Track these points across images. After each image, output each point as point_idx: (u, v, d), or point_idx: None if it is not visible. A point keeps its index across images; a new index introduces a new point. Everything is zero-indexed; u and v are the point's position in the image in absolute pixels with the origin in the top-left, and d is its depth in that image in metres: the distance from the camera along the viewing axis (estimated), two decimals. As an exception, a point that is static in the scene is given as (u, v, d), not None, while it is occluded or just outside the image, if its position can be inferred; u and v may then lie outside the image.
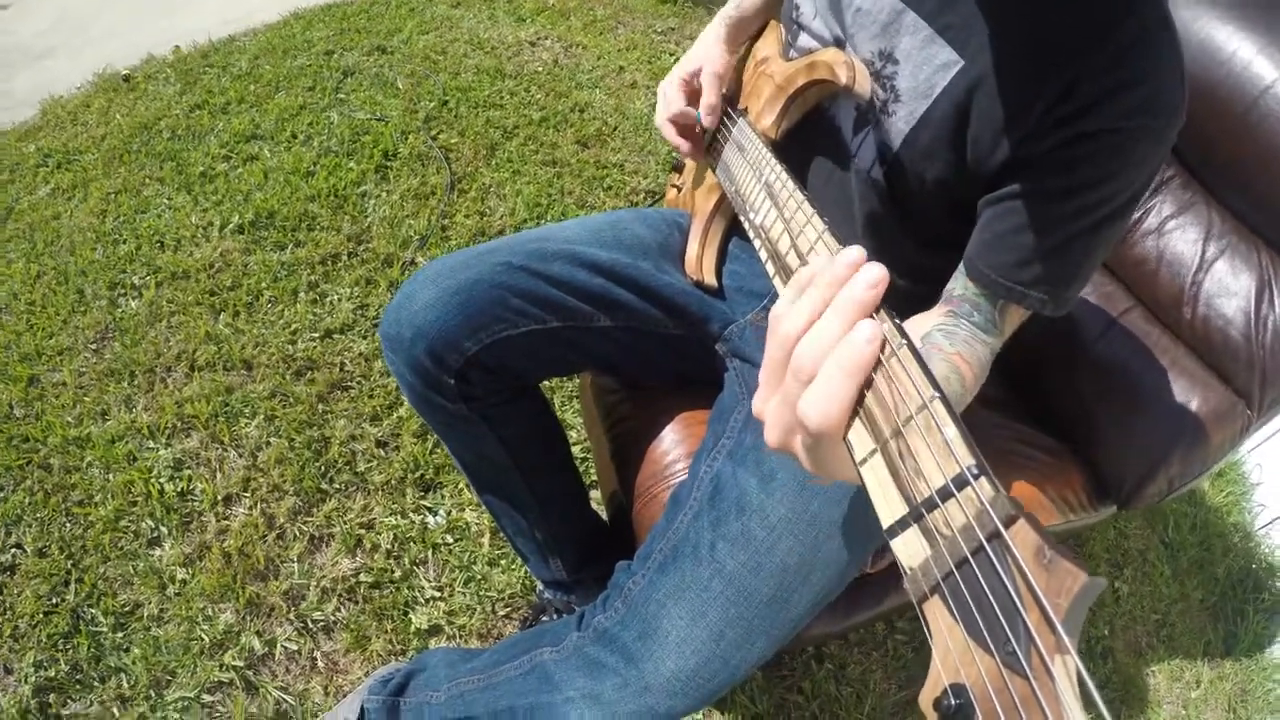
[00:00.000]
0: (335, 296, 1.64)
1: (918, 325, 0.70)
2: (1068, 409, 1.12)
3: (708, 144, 0.96)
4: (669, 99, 0.94)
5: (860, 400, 0.40)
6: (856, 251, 0.43)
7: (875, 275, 0.41)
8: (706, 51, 0.93)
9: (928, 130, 0.73)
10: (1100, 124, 0.64)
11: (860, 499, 0.73)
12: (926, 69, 0.72)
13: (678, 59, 2.61)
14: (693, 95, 0.94)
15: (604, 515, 1.28)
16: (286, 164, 1.91)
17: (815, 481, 0.44)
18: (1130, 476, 1.07)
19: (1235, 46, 0.97)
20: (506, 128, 2.14)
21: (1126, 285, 1.12)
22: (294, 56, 2.29)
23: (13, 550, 1.22)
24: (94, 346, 1.51)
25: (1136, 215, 1.10)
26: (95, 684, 1.11)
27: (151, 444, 1.37)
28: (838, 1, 0.78)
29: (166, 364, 1.49)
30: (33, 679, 1.09)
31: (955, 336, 0.68)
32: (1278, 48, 0.95)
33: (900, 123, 0.74)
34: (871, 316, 0.41)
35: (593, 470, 1.43)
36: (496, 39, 2.49)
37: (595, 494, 1.37)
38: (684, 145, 0.94)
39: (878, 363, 0.39)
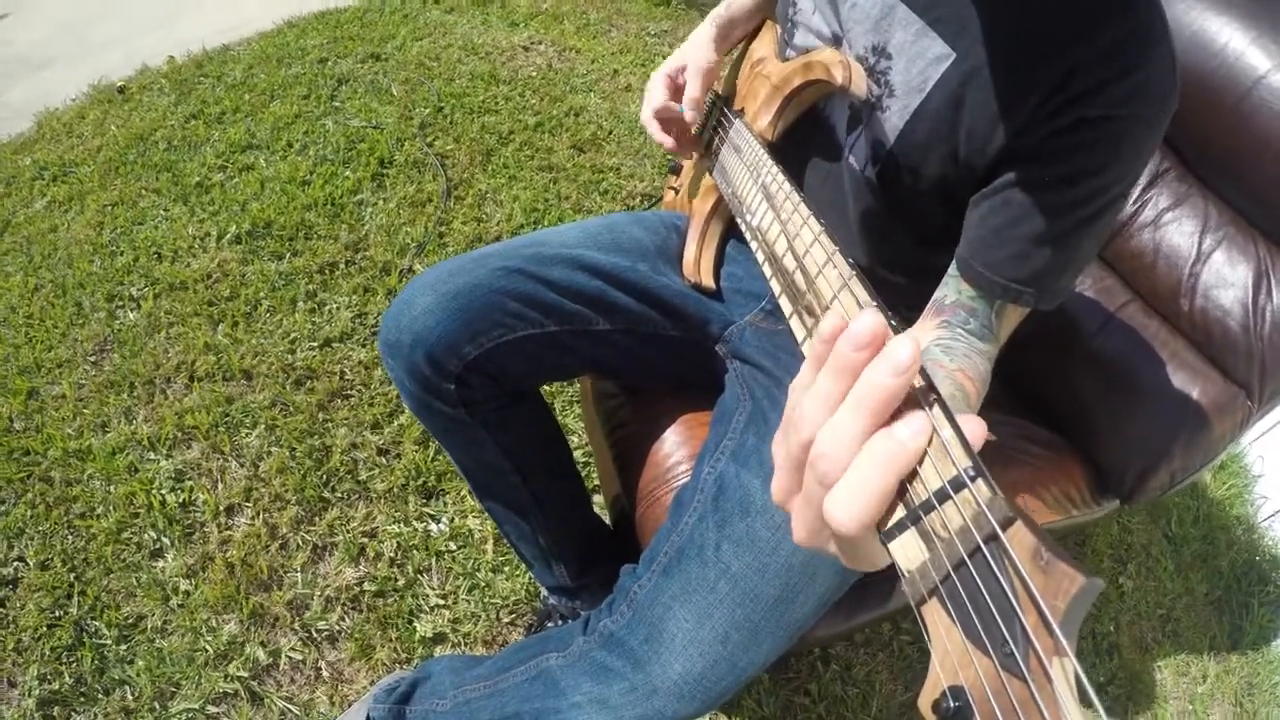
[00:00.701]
0: (333, 305, 1.64)
1: None
2: (1067, 404, 1.12)
3: (705, 146, 0.96)
4: (652, 94, 0.94)
5: (902, 497, 0.34)
6: (870, 327, 0.34)
7: (905, 359, 0.33)
8: (693, 50, 0.93)
9: (922, 124, 0.73)
10: (1096, 112, 0.64)
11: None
12: (919, 63, 0.72)
13: (672, 61, 2.59)
14: (677, 92, 0.94)
15: (607, 519, 1.28)
16: (283, 173, 1.91)
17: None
18: (1131, 470, 1.07)
19: (1227, 38, 0.98)
20: (502, 133, 2.14)
21: (1124, 278, 1.12)
22: (288, 65, 2.29)
23: (15, 563, 1.22)
24: (93, 359, 1.51)
25: (1133, 208, 1.10)
26: (99, 697, 1.11)
27: (152, 455, 1.36)
28: None
29: (166, 375, 1.48)
30: (37, 692, 1.09)
31: (954, 352, 0.67)
32: (1270, 39, 0.96)
33: (894, 118, 0.74)
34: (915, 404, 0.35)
35: (595, 474, 1.43)
36: (490, 44, 2.49)
37: (598, 498, 1.37)
38: (668, 141, 0.93)
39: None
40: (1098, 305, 1.10)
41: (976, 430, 0.33)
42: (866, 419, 0.33)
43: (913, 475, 0.34)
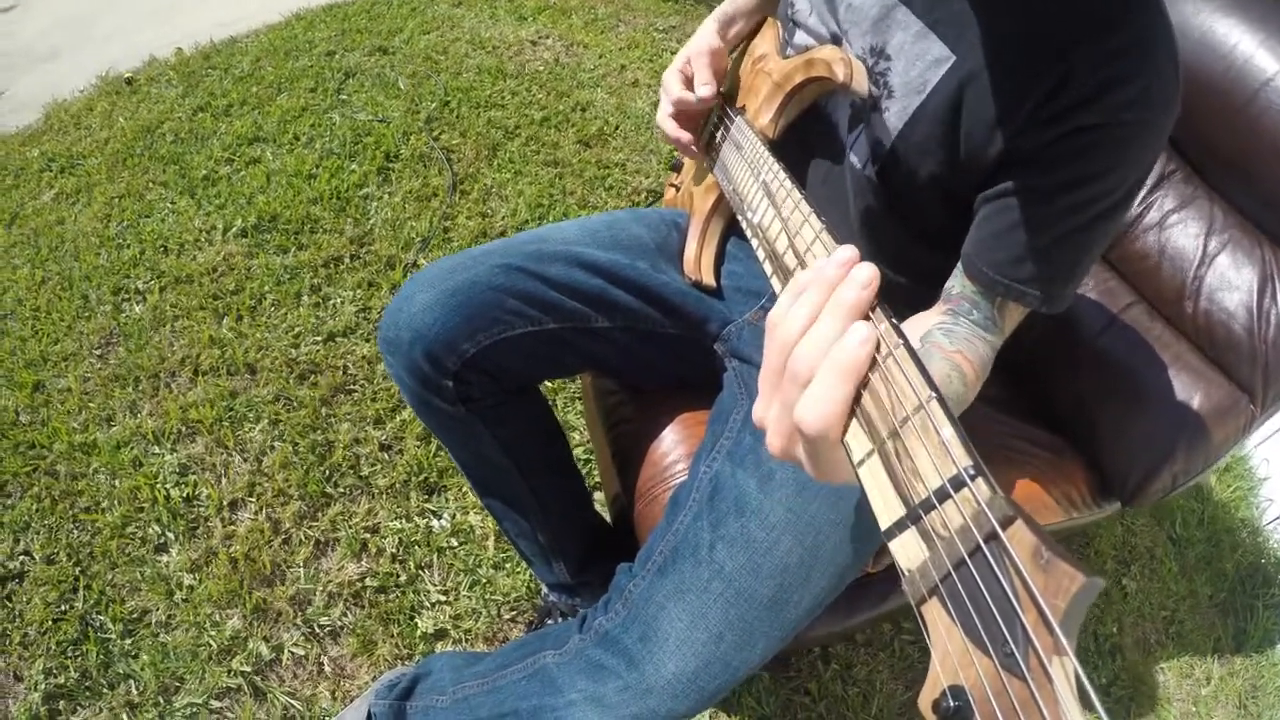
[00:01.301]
0: (338, 299, 1.65)
1: (918, 325, 0.70)
2: (1070, 405, 1.11)
3: (706, 143, 0.96)
4: (667, 89, 0.92)
5: (857, 401, 0.40)
6: (848, 251, 0.43)
7: (866, 275, 0.41)
8: (696, 41, 0.93)
9: (921, 126, 0.72)
10: (1096, 118, 0.63)
11: (860, 499, 0.73)
12: (919, 64, 0.71)
13: (679, 56, 2.58)
14: (689, 83, 0.92)
15: (607, 517, 1.28)
16: (289, 166, 1.91)
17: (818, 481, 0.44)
18: (1134, 473, 1.06)
19: (1236, 40, 0.97)
20: (508, 128, 2.14)
21: (1128, 281, 1.12)
22: (295, 58, 2.29)
23: (21, 557, 1.23)
24: (98, 352, 1.52)
25: (1138, 210, 1.09)
26: (104, 691, 1.12)
27: (157, 449, 1.37)
28: None
29: (171, 369, 1.49)
30: (42, 686, 1.10)
31: (955, 335, 0.68)
32: (1277, 40, 0.95)
33: (893, 119, 0.74)
34: (867, 317, 0.41)
35: (596, 472, 1.43)
36: (498, 38, 2.48)
37: (599, 495, 1.37)
38: (684, 137, 0.92)
39: (874, 364, 0.39)
40: (1101, 307, 1.09)
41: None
42: (836, 323, 0.41)
43: (914, 473, 0.34)
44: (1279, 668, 1.54)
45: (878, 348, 0.40)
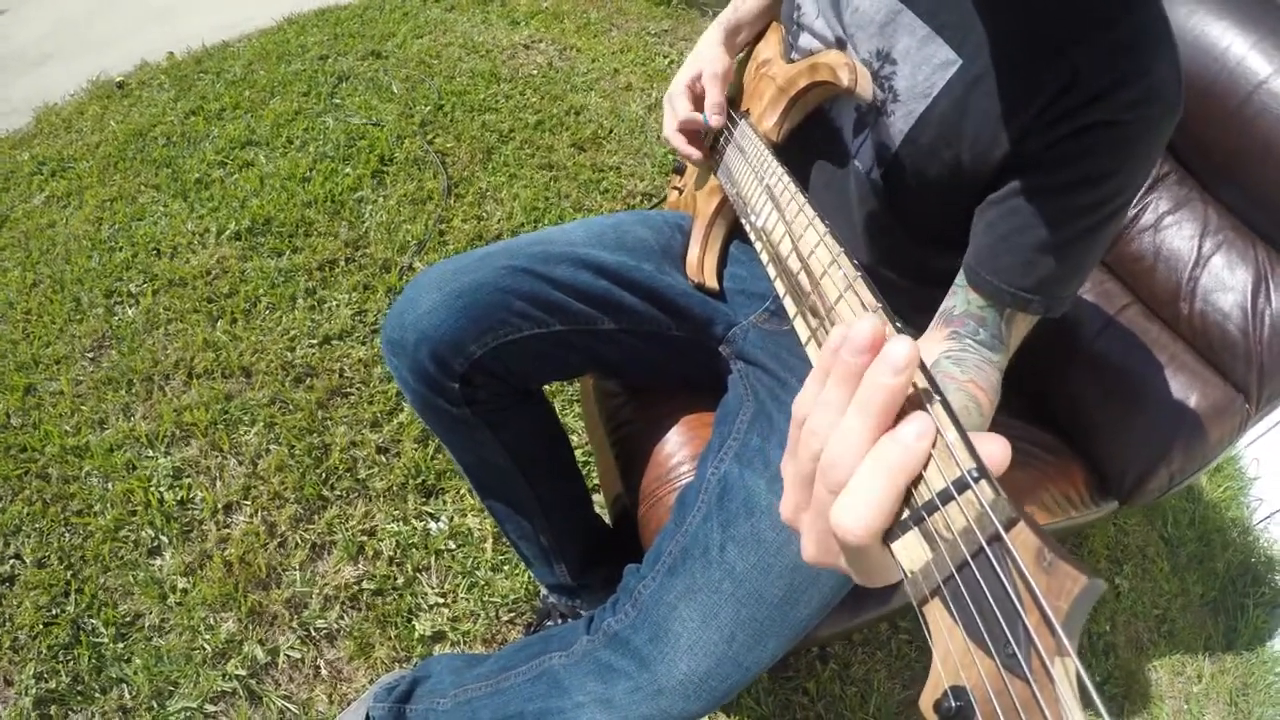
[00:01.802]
0: (333, 303, 1.64)
1: (923, 353, 0.70)
2: (1068, 406, 1.12)
3: (710, 146, 0.96)
4: (675, 107, 0.92)
5: (906, 499, 0.34)
6: (868, 331, 0.34)
7: (902, 358, 0.33)
8: (706, 54, 0.93)
9: (927, 130, 0.73)
10: (1099, 117, 0.64)
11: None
12: (925, 69, 0.72)
13: (672, 61, 2.61)
14: (697, 100, 0.93)
15: (607, 519, 1.28)
16: (282, 170, 1.91)
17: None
18: (1131, 472, 1.07)
19: (1229, 42, 0.98)
20: (502, 131, 2.14)
21: (1124, 282, 1.13)
22: (288, 62, 2.28)
23: (12, 561, 1.21)
24: (91, 355, 1.50)
25: (1134, 212, 1.11)
26: (97, 695, 1.10)
27: (150, 452, 1.36)
28: (838, 1, 0.79)
29: (164, 372, 1.48)
30: (33, 691, 1.09)
31: (965, 363, 0.67)
32: (1271, 43, 0.96)
33: (899, 123, 0.74)
34: (921, 406, 0.35)
35: (595, 474, 1.43)
36: (491, 42, 2.49)
37: (597, 497, 1.37)
38: (694, 154, 0.93)
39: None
40: (1098, 308, 1.10)
41: (998, 453, 0.33)
42: (871, 420, 0.33)
43: (916, 480, 0.34)
44: (1269, 665, 1.56)
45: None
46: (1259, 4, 0.99)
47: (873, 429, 0.33)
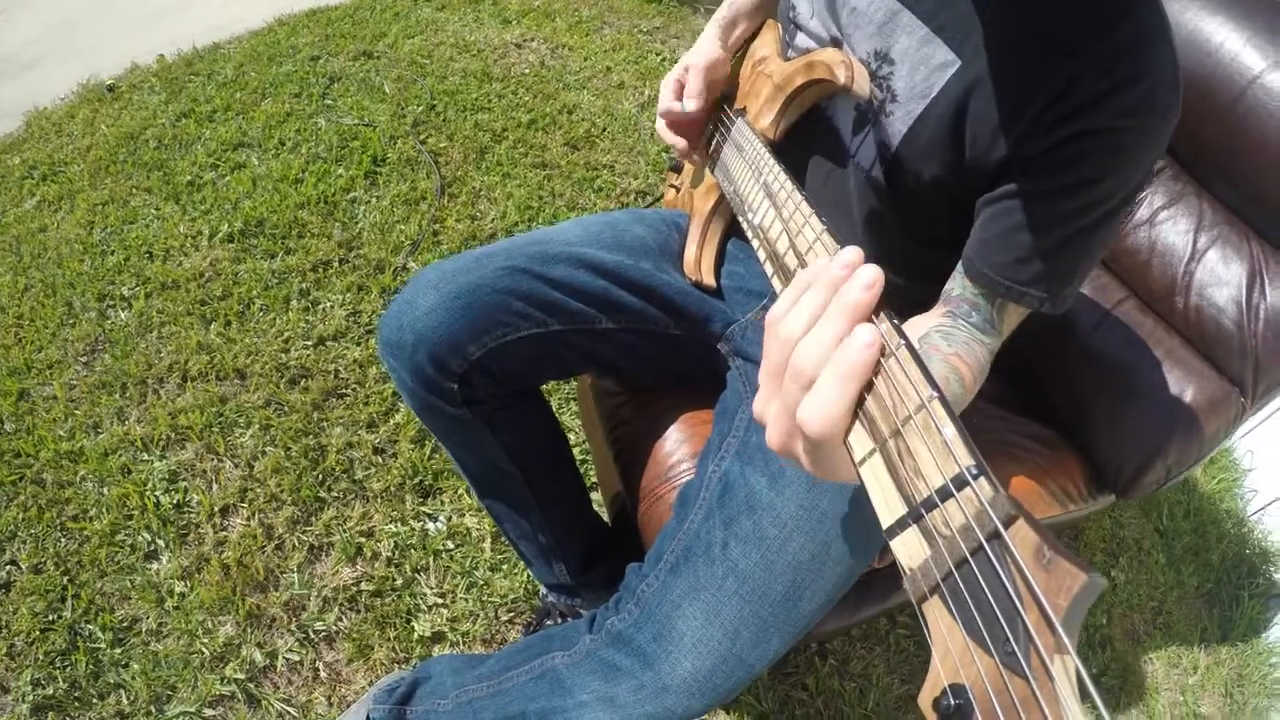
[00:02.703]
0: (327, 304, 1.63)
1: (917, 326, 0.71)
2: (1064, 401, 1.13)
3: (707, 144, 0.96)
4: (660, 98, 0.94)
5: (860, 403, 0.40)
6: (853, 252, 0.43)
7: (870, 276, 0.41)
8: (696, 49, 0.93)
9: (926, 130, 0.73)
10: (1098, 123, 0.64)
11: (867, 495, 0.73)
12: (924, 69, 0.72)
13: (664, 58, 2.61)
14: (683, 93, 0.93)
15: (606, 517, 1.28)
16: (275, 171, 1.90)
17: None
18: (1128, 466, 1.07)
19: (1223, 37, 0.98)
20: (495, 130, 2.14)
21: (1120, 277, 1.13)
22: (280, 63, 2.28)
23: (7, 567, 1.20)
24: (84, 359, 1.50)
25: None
26: (94, 701, 1.10)
27: (145, 456, 1.35)
28: (834, 1, 0.79)
29: (158, 375, 1.47)
30: (31, 698, 1.08)
31: (953, 338, 0.68)
32: (1265, 38, 0.96)
33: (898, 123, 0.75)
34: (870, 319, 0.41)
35: (593, 472, 1.43)
36: (482, 41, 2.48)
37: (595, 495, 1.37)
38: (679, 142, 0.94)
39: (876, 365, 0.40)
40: (1093, 303, 1.11)
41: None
42: (840, 324, 0.41)
43: (916, 472, 0.34)
44: (1264, 656, 1.57)
45: (881, 350, 0.39)
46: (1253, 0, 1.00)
47: (840, 333, 0.40)
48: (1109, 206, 0.68)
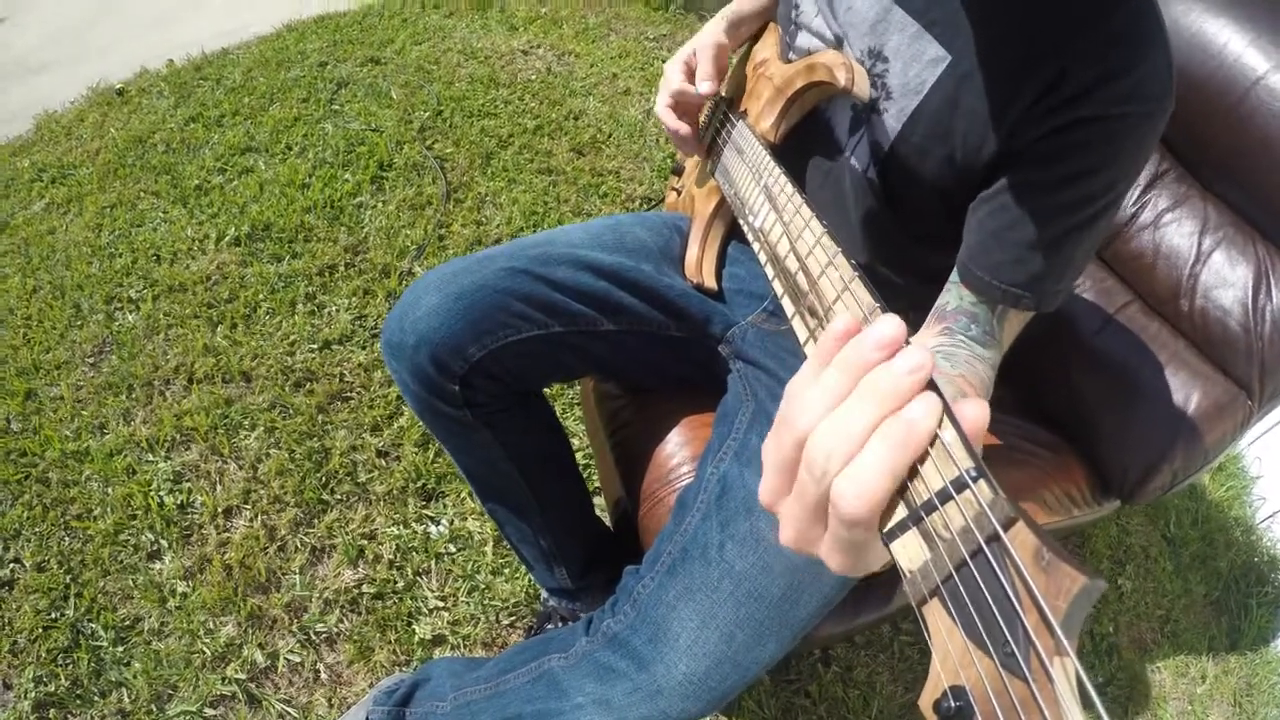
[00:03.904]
0: (333, 307, 1.64)
1: None
2: (1069, 404, 1.12)
3: (707, 146, 0.96)
4: (668, 79, 0.91)
5: (905, 498, 0.34)
6: (894, 331, 0.34)
7: (916, 361, 0.33)
8: (703, 35, 0.92)
9: (919, 126, 0.73)
10: (1090, 111, 0.64)
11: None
12: (916, 65, 0.72)
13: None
14: (692, 76, 0.91)
15: (608, 521, 1.28)
16: (282, 176, 1.91)
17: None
18: (1133, 471, 1.07)
19: (1226, 39, 0.98)
20: (501, 136, 2.15)
21: (1124, 280, 1.13)
22: (288, 68, 2.29)
23: (11, 565, 1.21)
24: (91, 360, 1.50)
25: (1133, 209, 1.11)
26: (96, 699, 1.10)
27: (150, 457, 1.36)
28: (834, 1, 0.79)
29: (165, 377, 1.48)
30: (32, 694, 1.08)
31: (955, 358, 0.67)
32: (1268, 40, 0.96)
33: (892, 120, 0.75)
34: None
35: (596, 476, 1.43)
36: (490, 48, 2.49)
37: (599, 500, 1.37)
38: (683, 128, 0.92)
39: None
40: (1098, 306, 1.10)
41: (979, 414, 0.33)
42: (874, 409, 0.33)
43: (914, 474, 0.34)
44: (1273, 665, 1.55)
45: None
46: (1257, 1, 0.99)
47: (875, 420, 0.33)
48: (1105, 199, 0.67)
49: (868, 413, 0.33)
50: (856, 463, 0.33)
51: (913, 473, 0.34)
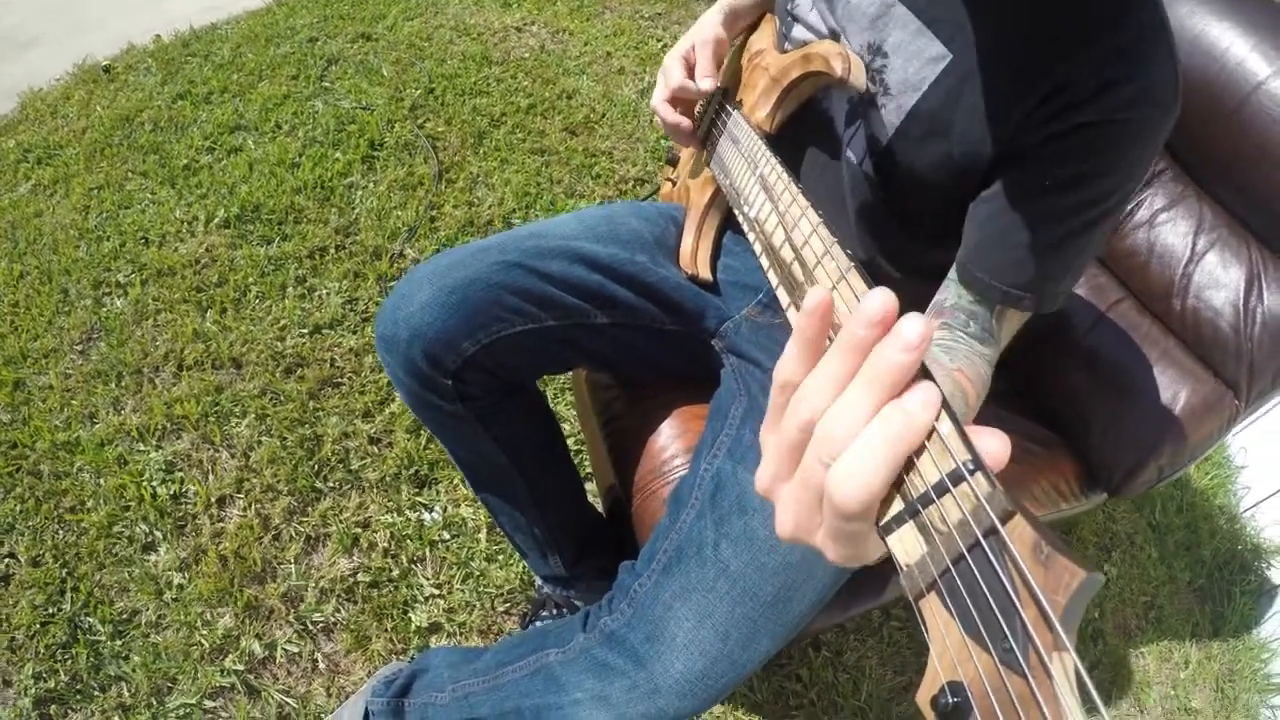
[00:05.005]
0: (324, 291, 1.63)
1: None
2: (1059, 399, 1.13)
3: (703, 137, 0.95)
4: (668, 74, 0.90)
5: (901, 491, 0.33)
6: (880, 305, 0.33)
7: (915, 336, 0.32)
8: (702, 27, 0.92)
9: (917, 123, 0.72)
10: (1094, 116, 0.63)
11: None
12: (916, 62, 0.71)
13: (665, 44, 2.59)
14: (691, 71, 0.91)
15: (600, 508, 1.29)
16: (271, 155, 1.88)
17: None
18: (1120, 466, 1.08)
19: (1228, 43, 0.97)
20: (494, 115, 2.12)
21: (1117, 277, 1.13)
22: (277, 44, 2.25)
23: (6, 560, 1.21)
24: (80, 348, 1.49)
25: (1128, 207, 1.10)
26: (96, 694, 1.11)
27: (142, 446, 1.35)
28: None
29: (154, 364, 1.47)
30: (32, 691, 1.09)
31: (955, 352, 0.67)
32: (1270, 45, 0.95)
33: (890, 116, 0.74)
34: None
35: (587, 463, 1.43)
36: (482, 25, 2.45)
37: (590, 486, 1.37)
38: (683, 123, 0.91)
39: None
40: (1090, 303, 1.11)
41: (998, 449, 0.32)
42: (878, 395, 0.33)
43: (910, 467, 0.34)
44: (1255, 651, 1.58)
45: None
46: (1260, 5, 0.99)
47: (878, 404, 0.33)
48: (1107, 205, 0.67)
49: (870, 397, 0.33)
50: (850, 453, 0.33)
51: (909, 465, 0.34)
